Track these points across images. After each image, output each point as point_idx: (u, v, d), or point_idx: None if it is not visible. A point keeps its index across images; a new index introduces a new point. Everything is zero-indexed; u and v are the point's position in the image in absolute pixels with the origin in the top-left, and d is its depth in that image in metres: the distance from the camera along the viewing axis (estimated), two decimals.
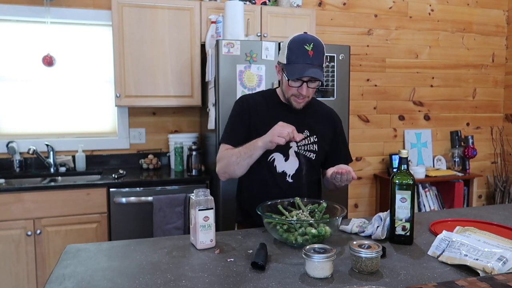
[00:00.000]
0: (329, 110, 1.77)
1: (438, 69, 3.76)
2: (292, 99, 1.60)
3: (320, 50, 1.52)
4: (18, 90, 2.94)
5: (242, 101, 1.70)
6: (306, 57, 1.50)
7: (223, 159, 1.61)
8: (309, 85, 1.55)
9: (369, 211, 3.67)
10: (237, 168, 1.57)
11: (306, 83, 1.53)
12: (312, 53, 1.50)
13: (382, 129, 3.66)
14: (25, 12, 2.83)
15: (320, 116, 1.72)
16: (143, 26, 2.73)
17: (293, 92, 1.57)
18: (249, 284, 1.04)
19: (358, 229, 1.43)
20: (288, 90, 1.58)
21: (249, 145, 1.54)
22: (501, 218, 1.63)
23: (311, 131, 1.67)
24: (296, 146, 1.64)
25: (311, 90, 1.57)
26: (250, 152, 1.53)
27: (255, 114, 1.65)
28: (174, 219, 2.53)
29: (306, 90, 1.55)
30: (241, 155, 1.54)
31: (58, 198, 2.43)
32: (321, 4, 3.40)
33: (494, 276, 0.97)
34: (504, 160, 3.99)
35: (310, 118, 1.68)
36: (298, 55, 1.50)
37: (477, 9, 3.82)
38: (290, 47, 1.52)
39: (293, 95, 1.58)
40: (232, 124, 1.68)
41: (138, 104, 2.81)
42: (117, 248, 1.31)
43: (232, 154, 1.57)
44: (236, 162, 1.56)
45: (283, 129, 1.43)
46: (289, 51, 1.52)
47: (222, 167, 1.62)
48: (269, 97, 1.71)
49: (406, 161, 1.33)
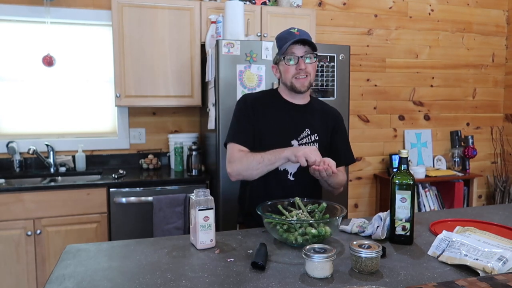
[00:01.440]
0: (330, 109, 1.77)
1: (438, 69, 3.76)
2: (294, 82, 1.61)
3: (306, 33, 1.60)
4: (18, 90, 2.94)
5: (245, 100, 1.70)
6: (293, 36, 1.57)
7: (239, 162, 1.58)
8: (305, 60, 1.59)
9: (369, 211, 3.67)
10: (256, 173, 1.56)
11: (302, 58, 1.58)
12: (299, 33, 1.59)
13: (382, 129, 3.66)
14: (25, 12, 2.83)
15: (321, 114, 1.72)
16: (143, 26, 2.73)
17: (292, 72, 1.60)
18: (249, 284, 1.04)
19: (358, 229, 1.43)
20: (288, 73, 1.61)
21: (274, 153, 1.53)
22: (501, 218, 1.63)
23: (312, 130, 1.67)
24: (297, 144, 1.64)
25: (309, 66, 1.60)
26: (274, 160, 1.53)
27: (258, 113, 1.65)
28: (174, 219, 2.53)
29: (304, 64, 1.58)
30: (263, 161, 1.53)
31: (58, 198, 2.43)
32: (321, 4, 3.40)
33: (494, 276, 0.97)
34: (504, 160, 3.99)
35: (311, 117, 1.68)
36: (286, 38, 1.59)
37: (477, 9, 3.82)
38: (278, 38, 1.63)
39: (293, 76, 1.61)
40: (238, 123, 1.67)
41: (138, 104, 2.81)
42: (117, 248, 1.31)
43: (252, 159, 1.55)
44: (256, 167, 1.54)
45: (313, 155, 1.46)
46: (278, 42, 1.62)
47: (239, 169, 1.58)
48: (271, 95, 1.71)
49: (406, 161, 1.33)
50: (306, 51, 1.59)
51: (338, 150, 1.73)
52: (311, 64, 1.60)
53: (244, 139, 1.62)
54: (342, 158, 1.72)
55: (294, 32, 1.58)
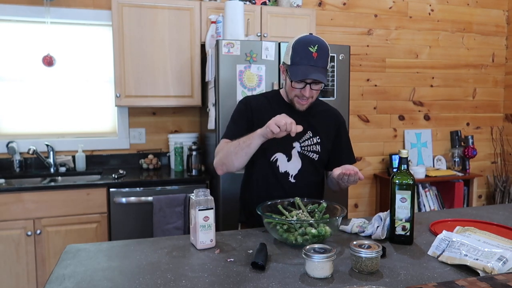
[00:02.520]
0: (332, 111, 1.76)
1: (438, 69, 3.76)
2: (295, 100, 1.59)
3: (324, 52, 1.51)
4: (18, 90, 2.94)
5: (246, 101, 1.70)
6: (310, 59, 1.49)
7: (221, 151, 1.59)
8: (312, 87, 1.54)
9: (369, 211, 3.67)
10: (235, 158, 1.53)
11: (309, 85, 1.53)
12: (316, 55, 1.49)
13: (382, 129, 3.66)
14: (25, 12, 2.83)
15: (323, 116, 1.71)
16: (143, 26, 2.73)
17: (296, 93, 1.57)
18: (249, 284, 1.04)
19: (358, 229, 1.43)
20: (291, 91, 1.58)
21: (248, 135, 1.51)
22: (501, 218, 1.63)
23: (314, 132, 1.66)
24: (299, 146, 1.64)
25: (314, 92, 1.56)
26: (248, 141, 1.50)
27: (258, 115, 1.64)
28: (174, 219, 2.53)
29: (309, 91, 1.54)
30: (239, 145, 1.51)
31: (58, 198, 2.43)
32: (321, 4, 3.40)
33: (494, 276, 0.97)
34: (504, 160, 3.99)
35: (313, 119, 1.68)
36: (302, 56, 1.50)
37: (477, 9, 3.82)
38: (295, 48, 1.52)
39: (296, 96, 1.58)
40: (234, 122, 1.68)
41: (138, 104, 2.81)
42: (117, 248, 1.31)
43: (230, 145, 1.55)
44: (234, 151, 1.52)
45: (281, 119, 1.40)
46: (293, 52, 1.52)
47: (220, 158, 1.58)
48: (272, 98, 1.71)
49: (406, 161, 1.33)
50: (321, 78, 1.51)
51: (340, 152, 1.73)
52: (316, 90, 1.57)
53: (235, 135, 1.60)
54: (344, 158, 1.70)
55: (312, 53, 1.48)
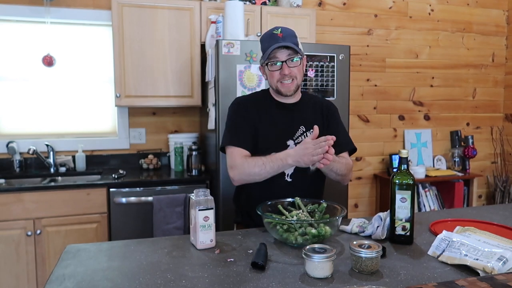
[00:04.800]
0: (319, 102, 1.73)
1: (438, 69, 3.76)
2: (279, 86, 1.59)
3: (290, 33, 1.56)
4: (18, 90, 2.94)
5: (238, 103, 1.68)
6: (276, 39, 1.53)
7: (241, 168, 1.54)
8: (289, 64, 1.55)
9: (369, 211, 3.67)
10: (258, 178, 1.53)
11: (285, 63, 1.54)
12: (282, 34, 1.54)
13: (382, 129, 3.66)
14: (25, 12, 2.83)
15: (313, 108, 1.70)
16: (143, 26, 2.73)
17: (276, 77, 1.57)
18: (249, 284, 1.04)
19: (358, 229, 1.43)
20: (272, 78, 1.59)
21: (277, 160, 1.48)
22: (501, 218, 1.63)
23: (307, 126, 1.64)
24: (293, 144, 1.61)
25: (293, 69, 1.56)
26: (277, 168, 1.49)
27: (252, 115, 1.64)
28: (174, 219, 2.53)
29: (287, 69, 1.55)
30: (265, 168, 1.49)
31: (58, 198, 2.43)
32: (321, 4, 3.40)
33: (494, 276, 0.97)
34: (504, 160, 3.99)
35: (304, 113, 1.66)
36: (268, 41, 1.55)
37: (477, 9, 3.82)
38: (262, 40, 1.59)
39: (278, 80, 1.58)
40: (236, 126, 1.62)
41: (138, 104, 2.81)
42: (117, 248, 1.31)
43: (254, 165, 1.51)
44: (259, 173, 1.51)
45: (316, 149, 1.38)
46: (261, 44, 1.58)
47: (241, 175, 1.55)
48: (263, 97, 1.70)
49: (406, 161, 1.33)
50: (290, 53, 1.54)
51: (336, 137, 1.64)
52: (296, 67, 1.56)
53: (243, 140, 1.59)
54: (341, 143, 1.64)
55: (277, 34, 1.53)
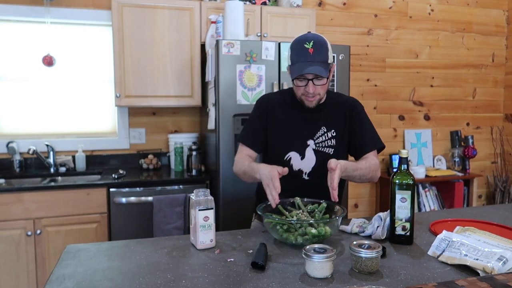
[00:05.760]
0: (343, 100, 1.72)
1: (438, 69, 3.76)
2: (303, 99, 1.59)
3: (321, 47, 1.51)
4: (18, 90, 2.94)
5: (262, 101, 1.72)
6: (306, 55, 1.49)
7: (235, 165, 1.66)
8: (315, 82, 1.53)
9: (369, 211, 3.67)
10: (245, 179, 1.63)
11: (312, 81, 1.52)
12: (313, 50, 1.49)
13: (382, 129, 3.65)
14: (25, 12, 2.83)
15: (334, 108, 1.68)
16: (143, 26, 2.73)
17: (301, 91, 1.57)
18: (249, 284, 1.04)
19: (358, 229, 1.43)
20: (297, 91, 1.59)
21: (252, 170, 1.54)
22: (501, 218, 1.63)
23: (328, 126, 1.64)
24: (313, 144, 1.62)
25: (318, 87, 1.55)
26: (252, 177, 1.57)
27: (272, 113, 1.66)
28: (174, 219, 2.53)
29: (313, 87, 1.53)
30: (246, 174, 1.59)
31: (58, 198, 2.43)
32: (321, 4, 3.40)
33: (494, 276, 0.97)
34: (504, 160, 3.99)
35: (326, 113, 1.66)
36: (298, 54, 1.51)
37: (477, 9, 3.82)
38: (292, 48, 1.54)
39: (302, 94, 1.58)
40: (251, 125, 1.70)
41: (138, 104, 2.80)
42: (117, 248, 1.31)
43: (241, 167, 1.62)
44: (242, 175, 1.63)
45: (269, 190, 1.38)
46: (291, 52, 1.54)
47: (235, 171, 1.67)
48: (288, 95, 1.70)
49: (406, 161, 1.33)
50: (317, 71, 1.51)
51: (362, 136, 1.68)
52: (321, 86, 1.56)
53: (252, 140, 1.67)
54: (368, 142, 1.67)
55: (308, 49, 1.49)
